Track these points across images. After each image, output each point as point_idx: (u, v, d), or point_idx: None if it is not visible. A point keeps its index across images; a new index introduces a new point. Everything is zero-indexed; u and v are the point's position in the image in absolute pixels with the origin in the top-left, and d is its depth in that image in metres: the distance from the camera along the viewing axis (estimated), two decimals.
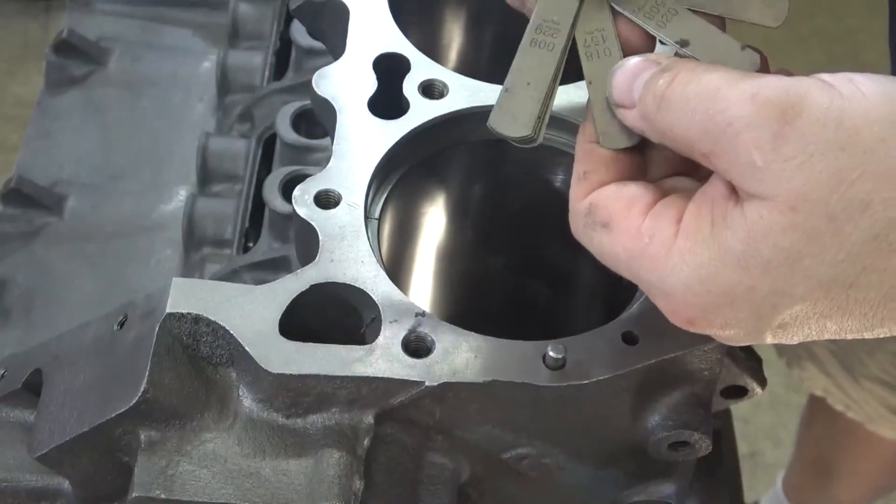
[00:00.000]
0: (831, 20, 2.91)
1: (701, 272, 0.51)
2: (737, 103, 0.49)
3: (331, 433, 0.59)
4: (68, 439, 0.59)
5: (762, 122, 0.48)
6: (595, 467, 0.67)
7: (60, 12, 1.40)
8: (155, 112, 1.06)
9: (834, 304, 0.50)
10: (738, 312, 0.51)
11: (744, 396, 0.65)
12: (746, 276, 0.50)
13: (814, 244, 0.48)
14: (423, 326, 0.60)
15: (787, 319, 0.51)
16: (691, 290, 0.51)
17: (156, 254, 0.95)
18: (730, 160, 0.49)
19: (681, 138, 0.52)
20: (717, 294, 0.51)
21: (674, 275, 0.51)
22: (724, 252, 0.50)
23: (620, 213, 0.54)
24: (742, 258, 0.49)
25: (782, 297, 0.50)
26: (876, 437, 1.53)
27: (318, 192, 0.65)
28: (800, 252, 0.49)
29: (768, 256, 0.49)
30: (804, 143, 0.48)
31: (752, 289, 0.50)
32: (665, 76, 0.52)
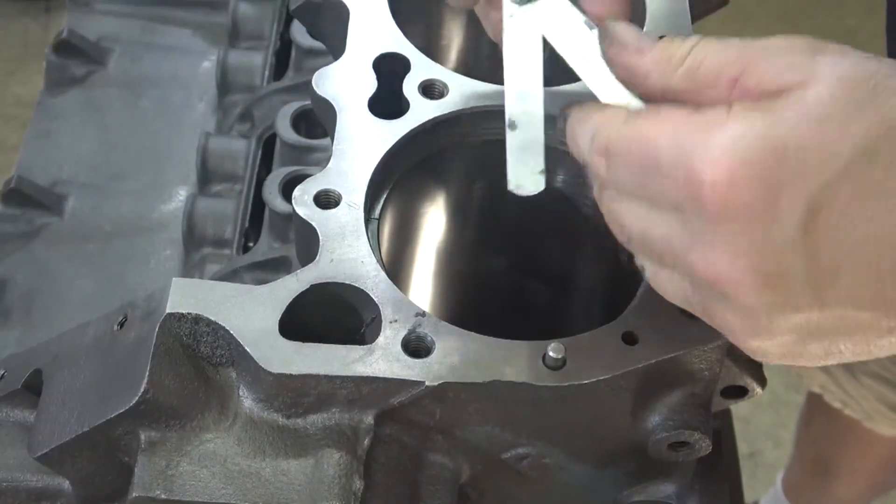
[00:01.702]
0: (831, 20, 2.91)
1: (753, 129, 0.50)
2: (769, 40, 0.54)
3: (331, 433, 0.59)
4: (68, 439, 0.59)
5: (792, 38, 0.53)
6: (595, 467, 0.67)
7: (60, 12, 1.40)
8: (155, 112, 1.06)
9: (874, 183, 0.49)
10: (783, 171, 0.49)
11: (744, 396, 0.66)
12: (797, 134, 0.49)
13: (860, 112, 0.49)
14: (423, 326, 0.60)
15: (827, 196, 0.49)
16: (741, 139, 0.50)
17: (156, 254, 0.95)
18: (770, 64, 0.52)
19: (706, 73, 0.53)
20: (766, 148, 0.49)
21: (724, 133, 0.50)
22: (775, 117, 0.50)
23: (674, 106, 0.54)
24: (793, 121, 0.49)
25: (833, 157, 0.49)
26: (874, 435, 1.53)
27: (318, 192, 0.65)
28: (848, 117, 0.49)
29: (819, 119, 0.49)
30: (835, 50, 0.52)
31: (803, 148, 0.49)
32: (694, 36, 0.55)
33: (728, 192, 0.50)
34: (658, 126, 0.53)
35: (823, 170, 0.49)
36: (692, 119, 0.52)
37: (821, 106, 0.50)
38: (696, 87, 0.54)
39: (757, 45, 0.53)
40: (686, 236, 0.52)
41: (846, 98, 0.50)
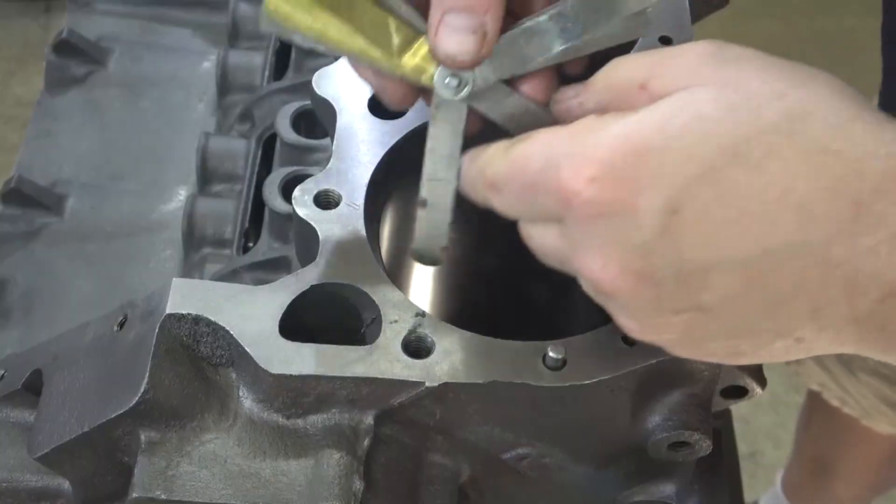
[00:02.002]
0: (831, 20, 2.91)
1: (617, 131, 0.51)
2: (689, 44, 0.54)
3: (331, 434, 0.59)
4: (68, 439, 0.59)
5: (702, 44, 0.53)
6: (595, 467, 0.67)
7: (60, 12, 1.40)
8: (155, 112, 1.06)
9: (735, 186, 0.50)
10: (641, 172, 0.51)
11: (744, 396, 0.65)
12: (661, 135, 0.50)
13: (731, 115, 0.50)
14: (423, 327, 0.60)
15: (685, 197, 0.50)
16: (602, 145, 0.51)
17: (156, 254, 0.95)
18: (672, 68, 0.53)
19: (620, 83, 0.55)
20: (627, 149, 0.51)
21: (588, 137, 0.52)
22: (643, 118, 0.51)
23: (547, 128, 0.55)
24: (661, 121, 0.51)
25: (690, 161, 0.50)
26: (873, 434, 1.53)
27: (318, 192, 0.65)
28: (717, 119, 0.50)
29: (686, 120, 0.50)
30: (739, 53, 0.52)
31: (664, 149, 0.50)
32: None
33: (591, 192, 0.51)
34: (531, 146, 0.55)
35: (683, 170, 0.50)
36: (562, 132, 0.54)
37: (693, 108, 0.51)
38: (614, 97, 0.55)
39: (666, 52, 0.54)
40: (569, 245, 0.54)
41: (722, 102, 0.50)
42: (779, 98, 0.50)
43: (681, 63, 0.53)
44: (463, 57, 0.57)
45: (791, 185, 0.49)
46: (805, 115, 0.50)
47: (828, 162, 0.49)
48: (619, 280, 0.52)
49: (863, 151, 0.49)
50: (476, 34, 0.57)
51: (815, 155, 0.49)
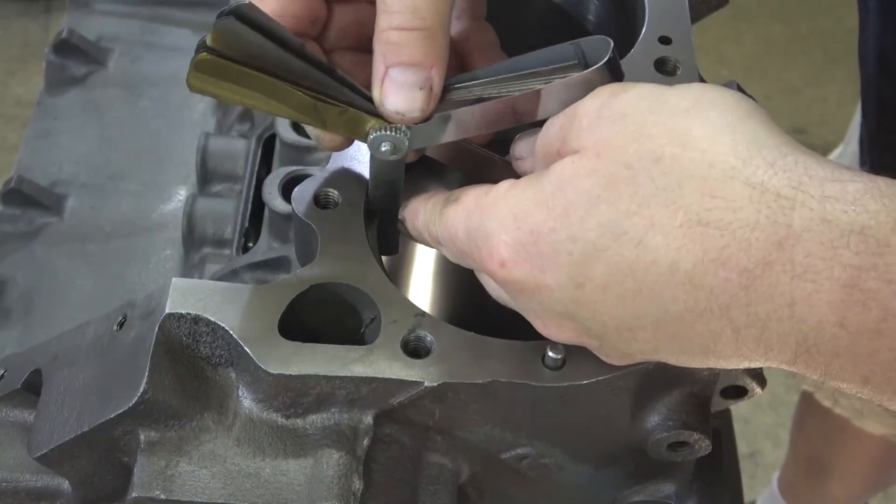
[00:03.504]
0: (831, 20, 2.92)
1: (515, 210, 0.54)
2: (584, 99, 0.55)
3: (330, 433, 0.59)
4: (68, 439, 0.59)
5: (595, 98, 0.55)
6: (595, 467, 0.67)
7: (60, 12, 1.40)
8: (155, 112, 1.06)
9: (624, 262, 0.51)
10: (542, 255, 0.53)
11: (744, 396, 0.66)
12: (550, 216, 0.53)
13: (611, 190, 0.51)
14: (422, 326, 0.60)
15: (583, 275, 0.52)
16: (505, 227, 0.54)
17: (156, 254, 0.95)
18: (569, 134, 0.54)
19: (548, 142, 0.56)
20: (525, 231, 0.53)
21: (496, 215, 0.55)
22: (537, 193, 0.53)
23: (472, 189, 0.58)
24: (549, 198, 0.53)
25: (576, 242, 0.52)
26: (865, 434, 1.53)
27: (317, 192, 0.65)
28: (598, 197, 0.51)
29: (570, 198, 0.52)
30: (622, 106, 0.53)
31: (554, 230, 0.52)
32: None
33: (504, 274, 0.55)
34: (456, 216, 0.58)
35: (573, 251, 0.52)
36: (479, 202, 0.57)
37: (574, 184, 0.52)
38: (546, 165, 0.56)
39: (570, 111, 0.55)
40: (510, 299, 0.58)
41: (600, 175, 0.52)
42: (654, 163, 0.50)
43: (576, 124, 0.54)
44: (412, 114, 0.59)
45: (676, 259, 0.50)
46: (680, 182, 0.50)
47: (708, 233, 0.49)
48: (563, 335, 0.56)
49: (743, 221, 0.48)
50: (423, 90, 0.58)
51: (694, 226, 0.49)
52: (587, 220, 0.51)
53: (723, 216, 0.49)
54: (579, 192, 0.52)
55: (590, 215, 0.51)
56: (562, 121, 0.56)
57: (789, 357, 0.50)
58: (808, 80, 2.82)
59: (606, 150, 0.52)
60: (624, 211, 0.51)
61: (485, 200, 0.56)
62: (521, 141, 0.62)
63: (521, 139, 0.62)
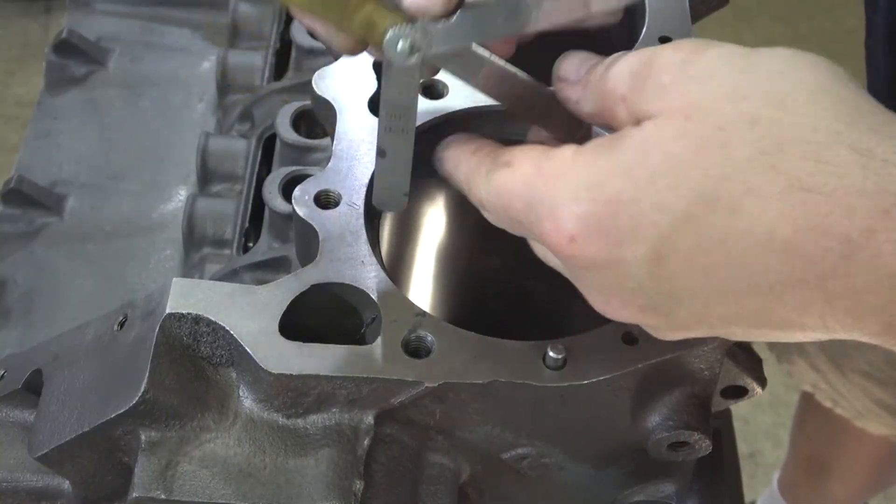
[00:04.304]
0: (831, 20, 2.91)
1: (590, 179, 0.50)
2: (665, 48, 0.52)
3: (331, 433, 0.59)
4: (68, 439, 0.59)
5: (676, 51, 0.51)
6: (595, 467, 0.67)
7: (60, 12, 1.40)
8: (155, 112, 1.06)
9: (715, 231, 0.48)
10: (620, 227, 0.49)
11: (744, 396, 0.66)
12: (632, 184, 0.49)
13: (701, 155, 0.48)
14: (423, 326, 0.60)
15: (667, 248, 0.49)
16: (577, 198, 0.50)
17: (156, 254, 0.95)
18: (645, 89, 0.51)
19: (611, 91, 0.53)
20: (601, 202, 0.49)
21: (564, 186, 0.51)
22: (614, 161, 0.50)
23: (525, 150, 0.54)
24: (630, 166, 0.49)
25: (663, 211, 0.48)
26: (866, 434, 1.53)
27: (318, 192, 0.65)
28: (688, 161, 0.48)
29: (655, 164, 0.48)
30: (709, 65, 0.50)
31: (636, 200, 0.49)
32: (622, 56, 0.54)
33: (575, 248, 0.51)
34: (512, 182, 0.53)
35: (659, 222, 0.49)
36: (541, 169, 0.52)
37: (661, 148, 0.49)
38: (603, 107, 0.53)
39: (647, 58, 0.51)
40: (568, 273, 0.54)
41: (690, 139, 0.48)
42: (750, 125, 0.48)
43: (654, 79, 0.51)
44: (433, 7, 0.55)
45: (774, 225, 0.47)
46: (780, 145, 0.47)
47: (810, 199, 0.46)
48: (625, 312, 0.53)
49: (848, 186, 0.46)
50: None
51: (795, 192, 0.47)
52: (676, 188, 0.48)
53: (828, 181, 0.46)
54: (667, 157, 0.48)
55: (679, 182, 0.48)
56: (633, 65, 0.52)
57: (878, 329, 0.48)
58: None
59: (697, 112, 0.48)
60: (717, 176, 0.47)
61: (547, 167, 0.52)
62: (570, 60, 0.57)
63: (569, 57, 0.57)
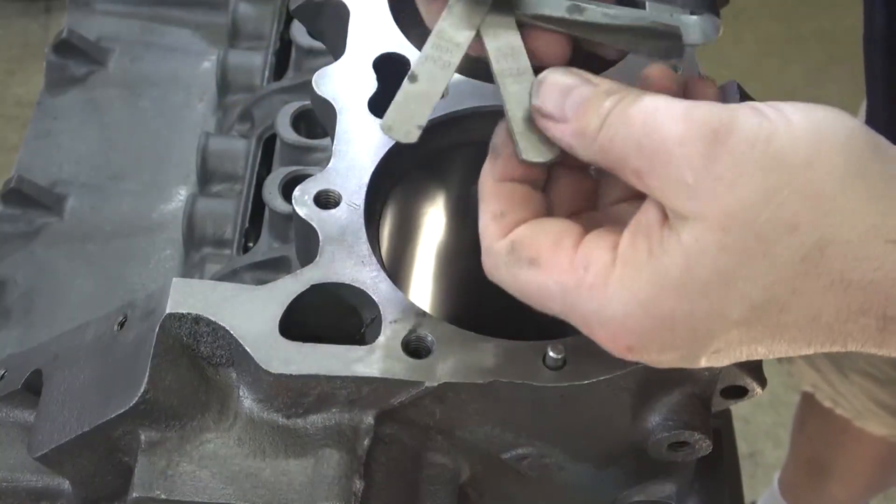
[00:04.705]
0: (831, 20, 2.91)
1: (641, 297, 0.51)
2: (671, 120, 0.50)
3: (331, 433, 0.59)
4: (68, 439, 0.59)
5: (695, 140, 0.49)
6: (595, 467, 0.67)
7: (60, 12, 1.40)
8: (155, 112, 1.06)
9: (766, 328, 0.51)
10: (677, 338, 0.51)
11: (744, 396, 0.65)
12: (685, 300, 0.50)
13: (746, 266, 0.49)
14: (423, 326, 0.60)
15: (722, 345, 0.52)
16: (632, 316, 0.51)
17: (156, 254, 0.95)
18: (662, 177, 0.50)
19: (617, 156, 0.52)
20: (656, 318, 0.51)
21: (614, 302, 0.51)
22: (662, 277, 0.50)
23: (549, 247, 0.54)
24: (680, 282, 0.50)
25: (718, 320, 0.50)
26: (866, 435, 1.53)
27: (318, 192, 0.65)
28: (734, 274, 0.49)
29: (705, 279, 0.50)
30: (734, 162, 0.49)
31: (691, 314, 0.50)
32: (611, 98, 0.53)
33: (634, 355, 0.53)
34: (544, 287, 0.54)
35: (714, 330, 0.51)
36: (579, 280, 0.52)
37: (708, 261, 0.49)
38: (611, 167, 0.53)
39: (657, 137, 0.50)
40: None
41: (735, 251, 0.49)
42: (789, 232, 0.49)
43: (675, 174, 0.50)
44: None
45: (817, 314, 0.50)
46: (821, 249, 0.49)
47: (851, 292, 0.49)
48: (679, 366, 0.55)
49: (885, 277, 0.49)
50: None
51: (837, 287, 0.49)
52: (727, 298, 0.50)
53: (864, 276, 0.49)
54: (713, 271, 0.49)
55: (728, 293, 0.50)
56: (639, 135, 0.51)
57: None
58: (808, 80, 2.81)
59: (733, 224, 0.49)
60: (763, 284, 0.49)
61: (587, 279, 0.52)
62: (549, 88, 0.55)
63: (547, 85, 0.55)
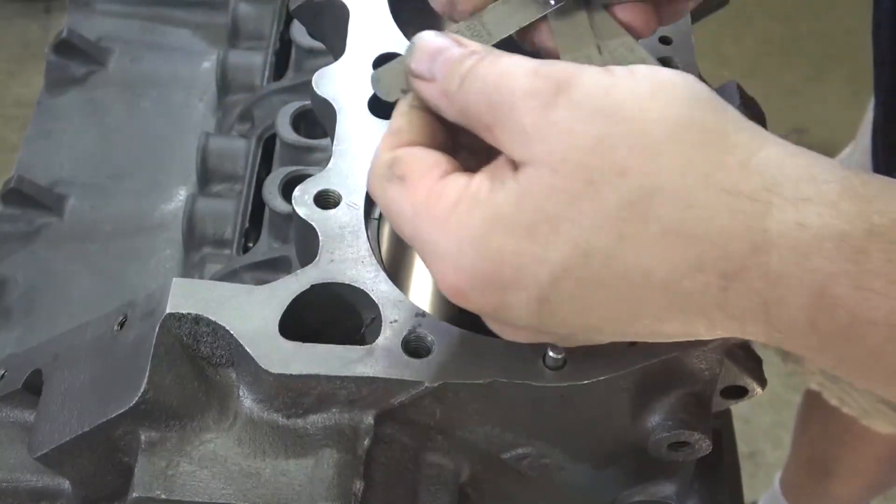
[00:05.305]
0: (831, 20, 2.91)
1: (473, 233, 0.51)
2: (520, 76, 0.51)
3: (331, 433, 0.59)
4: (68, 439, 0.59)
5: (537, 91, 0.50)
6: (595, 467, 0.67)
7: (60, 13, 1.40)
8: (155, 112, 1.06)
9: (593, 277, 0.50)
10: (504, 279, 0.51)
11: (744, 396, 0.66)
12: (513, 238, 0.50)
13: (572, 208, 0.49)
14: (423, 326, 0.60)
15: (549, 292, 0.51)
16: (462, 252, 0.51)
17: (156, 254, 0.95)
18: (507, 128, 0.51)
19: (473, 113, 0.53)
20: (484, 258, 0.51)
21: (449, 237, 0.52)
22: (495, 216, 0.51)
23: (420, 170, 0.54)
24: (509, 221, 0.50)
25: (543, 263, 0.50)
26: (871, 433, 1.53)
27: (318, 192, 0.65)
28: (560, 216, 0.49)
29: (532, 219, 0.50)
30: (571, 110, 0.50)
31: (517, 253, 0.50)
32: (473, 58, 0.53)
33: (462, 298, 0.53)
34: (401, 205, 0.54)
35: (539, 273, 0.50)
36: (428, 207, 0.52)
37: (536, 201, 0.50)
38: (471, 125, 0.53)
39: (505, 91, 0.51)
40: None
41: (563, 192, 0.49)
42: (619, 176, 0.48)
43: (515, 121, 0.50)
44: None
45: (650, 267, 0.49)
46: (650, 194, 0.48)
47: (682, 243, 0.48)
48: (520, 337, 0.56)
49: (719, 229, 0.48)
50: None
51: (669, 237, 0.48)
52: (551, 241, 0.50)
53: (697, 225, 0.48)
54: (540, 212, 0.50)
55: (554, 235, 0.49)
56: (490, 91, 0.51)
57: (763, 341, 0.51)
58: (808, 80, 2.82)
59: (563, 166, 0.49)
60: (589, 227, 0.49)
61: (435, 209, 0.52)
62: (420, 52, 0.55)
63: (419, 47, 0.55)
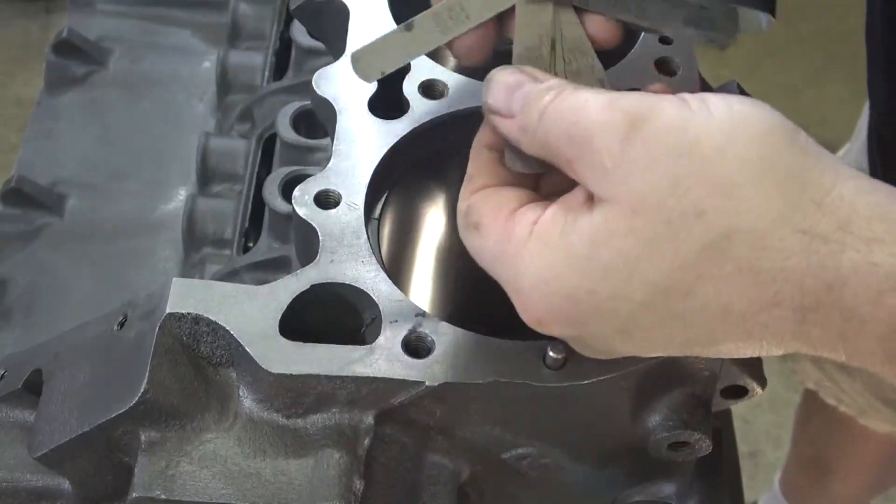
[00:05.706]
0: (831, 20, 2.91)
1: (546, 273, 0.52)
2: (597, 109, 0.51)
3: (331, 433, 0.59)
4: (68, 439, 0.59)
5: (614, 127, 0.51)
6: (595, 467, 0.67)
7: (60, 13, 1.40)
8: (155, 112, 1.06)
9: (673, 312, 0.51)
10: (581, 315, 0.52)
11: (744, 396, 0.66)
12: (587, 279, 0.51)
13: (651, 249, 0.50)
14: (423, 326, 0.60)
15: (630, 325, 0.52)
16: (537, 290, 0.52)
17: (156, 254, 0.95)
18: (586, 163, 0.51)
19: (553, 148, 0.53)
20: (560, 296, 0.52)
21: (524, 274, 0.53)
22: (568, 255, 0.52)
23: (489, 215, 0.55)
24: (584, 262, 0.51)
25: (621, 301, 0.51)
26: (869, 433, 1.53)
27: (318, 192, 0.65)
28: (638, 257, 0.50)
29: (607, 260, 0.50)
30: (648, 148, 0.50)
31: (593, 293, 0.51)
32: (550, 93, 0.54)
33: (544, 328, 0.54)
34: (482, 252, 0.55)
35: (618, 309, 0.51)
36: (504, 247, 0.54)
37: (613, 244, 0.50)
38: (551, 160, 0.54)
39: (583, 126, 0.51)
40: None
41: (640, 234, 0.50)
42: (696, 218, 0.49)
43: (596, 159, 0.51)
44: None
45: (728, 303, 0.50)
46: (727, 236, 0.49)
47: (760, 280, 0.49)
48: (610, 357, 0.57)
49: (794, 268, 0.49)
50: None
51: (745, 275, 0.49)
52: (630, 281, 0.50)
53: (773, 265, 0.49)
54: (617, 253, 0.50)
55: (632, 276, 0.50)
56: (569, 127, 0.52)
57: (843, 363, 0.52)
58: (808, 80, 2.82)
59: (642, 207, 0.50)
60: (667, 269, 0.50)
61: (509, 248, 0.54)
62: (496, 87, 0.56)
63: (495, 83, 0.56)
